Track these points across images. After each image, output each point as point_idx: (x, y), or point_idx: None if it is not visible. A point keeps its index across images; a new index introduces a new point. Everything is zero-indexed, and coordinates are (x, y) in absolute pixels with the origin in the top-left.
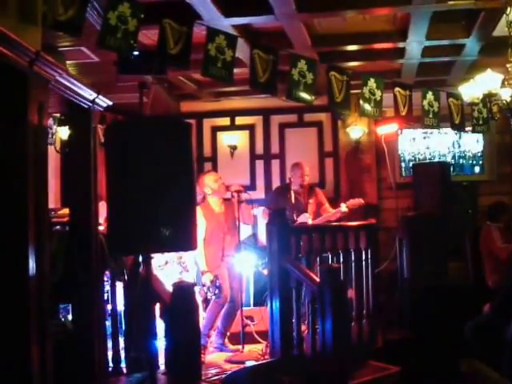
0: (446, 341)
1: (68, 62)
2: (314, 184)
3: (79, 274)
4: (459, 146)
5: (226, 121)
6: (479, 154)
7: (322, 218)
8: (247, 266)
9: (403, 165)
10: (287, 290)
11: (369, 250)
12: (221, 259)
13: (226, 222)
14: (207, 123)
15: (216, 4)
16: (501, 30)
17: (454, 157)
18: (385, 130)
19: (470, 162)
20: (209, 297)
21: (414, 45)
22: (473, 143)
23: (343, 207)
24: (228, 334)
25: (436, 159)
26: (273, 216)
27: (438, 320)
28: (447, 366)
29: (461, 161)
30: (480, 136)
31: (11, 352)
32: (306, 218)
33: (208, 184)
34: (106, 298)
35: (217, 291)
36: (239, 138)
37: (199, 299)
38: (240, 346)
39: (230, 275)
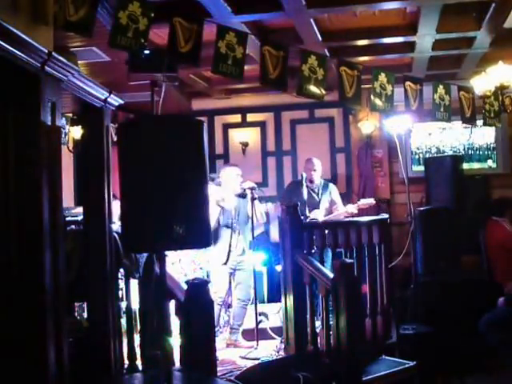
0: (461, 335)
1: (80, 61)
2: (328, 180)
3: (94, 272)
4: (470, 139)
5: (237, 118)
6: (492, 147)
7: (332, 215)
8: (260, 262)
9: (415, 159)
10: (301, 286)
11: (382, 245)
12: (227, 255)
13: (236, 216)
14: (218, 121)
15: (226, 1)
16: None
17: (466, 150)
18: (396, 124)
19: (483, 154)
20: None
21: (425, 38)
22: (485, 136)
23: (351, 208)
24: (241, 330)
25: (448, 152)
26: (286, 212)
27: (453, 314)
28: (462, 361)
29: (473, 154)
30: (491, 129)
31: (28, 350)
32: (316, 215)
33: (229, 175)
34: (120, 295)
35: None
36: (250, 135)
37: None
38: (254, 343)
39: (236, 273)
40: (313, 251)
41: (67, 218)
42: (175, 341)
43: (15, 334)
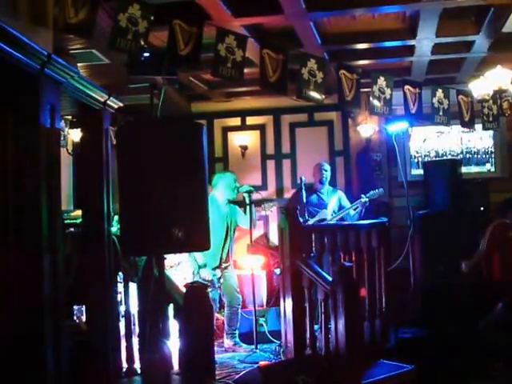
0: (460, 339)
1: (79, 64)
2: (336, 187)
3: (92, 275)
4: (469, 143)
5: (236, 121)
6: (490, 151)
7: (342, 211)
8: (258, 266)
9: (414, 162)
10: (300, 290)
11: (381, 249)
12: (220, 259)
13: (228, 222)
14: (218, 124)
15: (226, 4)
16: (510, 26)
17: (464, 153)
18: (395, 127)
19: (482, 158)
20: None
21: (424, 42)
22: (483, 140)
23: (364, 198)
24: (237, 333)
25: (447, 156)
26: (284, 215)
27: (451, 318)
28: (461, 365)
29: (472, 157)
30: (489, 133)
31: (27, 352)
32: (325, 214)
33: (228, 181)
34: (119, 299)
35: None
36: (250, 138)
37: None
38: (253, 346)
39: (225, 279)
40: (312, 255)
41: (66, 221)
42: (174, 344)
43: (14, 337)
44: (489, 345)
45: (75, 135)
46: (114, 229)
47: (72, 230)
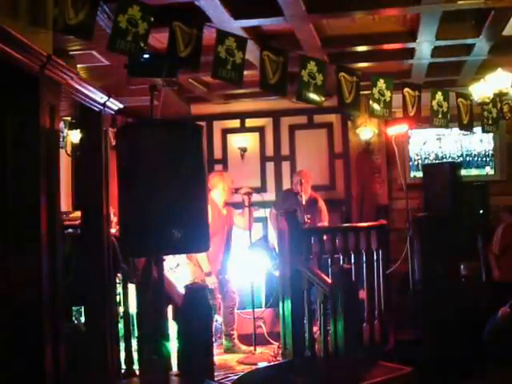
0: (458, 341)
1: (79, 65)
2: (316, 198)
3: (91, 276)
4: (469, 145)
5: (236, 123)
6: (490, 154)
7: None
8: (258, 267)
9: (414, 165)
10: (299, 292)
11: (380, 251)
12: (221, 262)
13: (227, 225)
14: (217, 125)
15: (226, 6)
16: (511, 29)
17: (464, 156)
18: (395, 130)
19: (481, 161)
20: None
21: (424, 45)
22: (483, 143)
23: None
24: (235, 334)
25: (446, 159)
26: (284, 218)
27: (450, 320)
28: (460, 367)
29: (471, 160)
30: (489, 136)
31: (26, 353)
32: None
33: (225, 182)
34: (118, 300)
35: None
36: (249, 140)
37: None
38: (252, 348)
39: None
40: (311, 256)
41: (65, 222)
42: (173, 345)
43: (13, 339)
44: (490, 350)
45: (74, 136)
46: (114, 230)
47: (71, 231)
